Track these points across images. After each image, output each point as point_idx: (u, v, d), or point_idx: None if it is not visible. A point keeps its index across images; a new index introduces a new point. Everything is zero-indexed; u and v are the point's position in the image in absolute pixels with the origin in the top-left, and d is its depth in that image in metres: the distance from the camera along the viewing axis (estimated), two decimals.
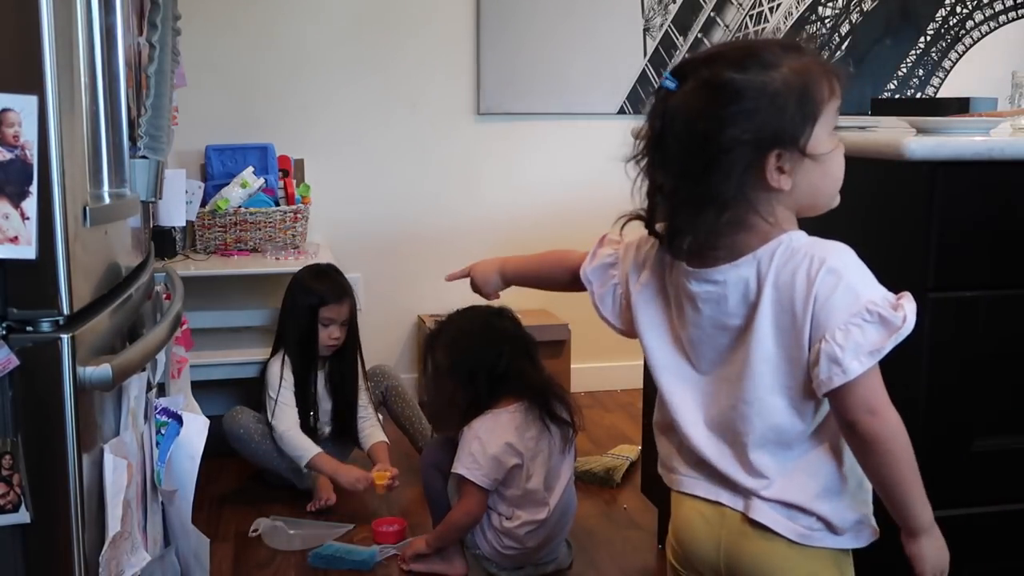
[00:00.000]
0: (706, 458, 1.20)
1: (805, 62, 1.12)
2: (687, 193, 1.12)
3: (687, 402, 1.22)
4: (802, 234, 1.15)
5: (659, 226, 1.21)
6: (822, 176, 1.15)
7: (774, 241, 1.13)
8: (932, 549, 1.17)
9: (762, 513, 1.16)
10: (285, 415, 2.64)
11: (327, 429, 2.79)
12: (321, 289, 2.69)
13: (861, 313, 1.09)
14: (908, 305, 1.11)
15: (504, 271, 1.62)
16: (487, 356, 2.19)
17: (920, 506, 1.15)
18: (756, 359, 1.14)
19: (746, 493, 1.17)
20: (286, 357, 2.72)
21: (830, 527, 1.17)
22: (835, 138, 1.16)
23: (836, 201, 1.19)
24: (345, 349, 2.78)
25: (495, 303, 2.30)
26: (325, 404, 2.78)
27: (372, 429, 2.78)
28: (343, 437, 2.81)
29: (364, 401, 2.81)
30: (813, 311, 1.10)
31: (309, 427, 2.72)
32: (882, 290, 1.12)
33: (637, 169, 1.18)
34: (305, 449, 2.59)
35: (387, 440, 2.77)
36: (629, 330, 1.29)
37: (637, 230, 1.27)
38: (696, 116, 1.09)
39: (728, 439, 1.18)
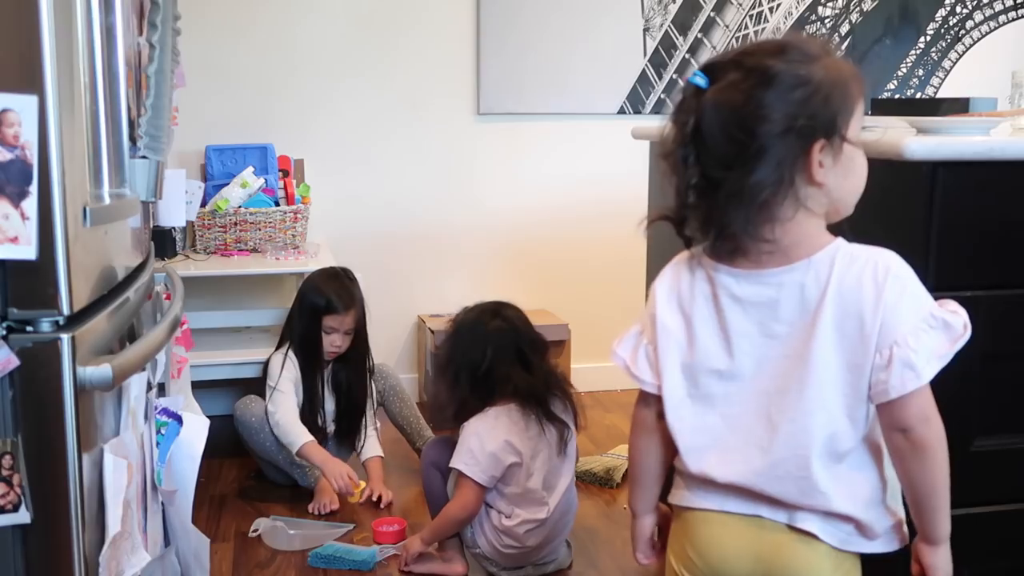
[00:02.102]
0: (747, 485, 1.17)
1: (838, 60, 1.14)
2: (735, 185, 1.10)
3: (713, 430, 1.20)
4: (841, 240, 1.16)
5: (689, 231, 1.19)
6: (851, 175, 1.15)
7: (831, 247, 1.14)
8: (947, 559, 1.19)
9: (808, 522, 1.16)
10: (282, 402, 2.65)
11: (331, 429, 2.80)
12: (328, 296, 2.70)
13: (928, 319, 1.11)
14: (963, 311, 1.13)
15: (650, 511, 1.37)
16: (468, 357, 2.19)
17: (946, 515, 1.17)
18: (819, 367, 1.12)
19: (791, 507, 1.16)
20: (289, 352, 2.73)
21: (866, 532, 1.17)
22: (860, 140, 1.16)
23: (853, 207, 1.19)
24: (351, 354, 2.79)
25: (506, 300, 2.30)
26: (329, 405, 2.79)
27: (371, 441, 2.81)
28: (346, 440, 2.82)
29: (369, 409, 2.83)
30: (883, 317, 1.10)
31: (317, 426, 2.73)
32: (930, 297, 1.14)
33: (666, 170, 1.16)
34: (297, 436, 2.60)
35: (383, 455, 2.79)
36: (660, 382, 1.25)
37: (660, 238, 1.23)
38: (742, 106, 1.09)
39: (779, 458, 1.15)
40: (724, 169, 1.10)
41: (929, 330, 1.10)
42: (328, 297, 2.69)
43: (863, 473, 1.17)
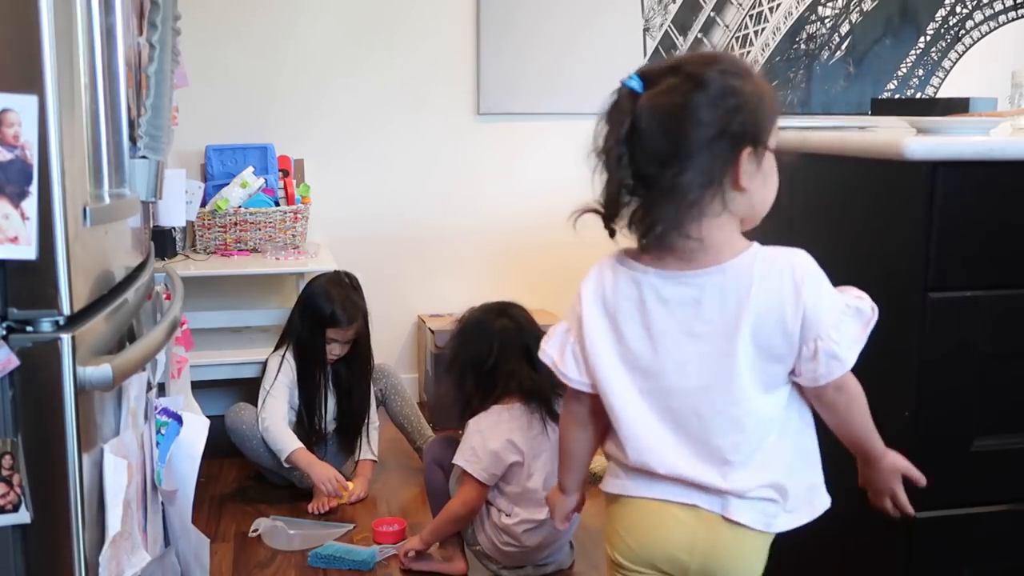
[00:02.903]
0: (679, 474, 1.25)
1: (760, 78, 1.22)
2: (669, 182, 1.16)
3: (651, 425, 1.26)
4: (757, 245, 1.24)
5: (618, 224, 1.26)
6: (769, 184, 1.23)
7: (748, 253, 1.22)
8: (896, 455, 1.32)
9: (739, 513, 1.24)
10: (273, 408, 2.66)
11: (330, 429, 2.80)
12: (333, 308, 2.69)
13: (843, 310, 1.21)
14: (866, 295, 1.25)
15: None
16: (475, 355, 2.19)
17: (878, 436, 1.30)
18: (742, 363, 1.21)
19: (722, 494, 1.24)
20: (288, 355, 2.73)
21: (788, 502, 1.26)
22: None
23: (762, 217, 1.27)
24: (353, 357, 2.78)
25: (506, 298, 2.31)
26: (330, 406, 2.79)
27: (366, 445, 2.81)
28: (345, 440, 2.82)
29: (371, 413, 2.84)
30: (804, 314, 1.19)
31: (314, 428, 2.73)
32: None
33: (597, 167, 1.25)
34: (285, 443, 2.61)
35: (376, 459, 2.80)
36: (593, 380, 1.30)
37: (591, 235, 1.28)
38: (680, 108, 1.16)
39: (706, 448, 1.24)
40: (659, 167, 1.17)
41: (846, 320, 1.21)
42: (332, 309, 2.69)
43: (785, 440, 1.25)
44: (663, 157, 1.16)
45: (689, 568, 1.28)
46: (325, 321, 2.69)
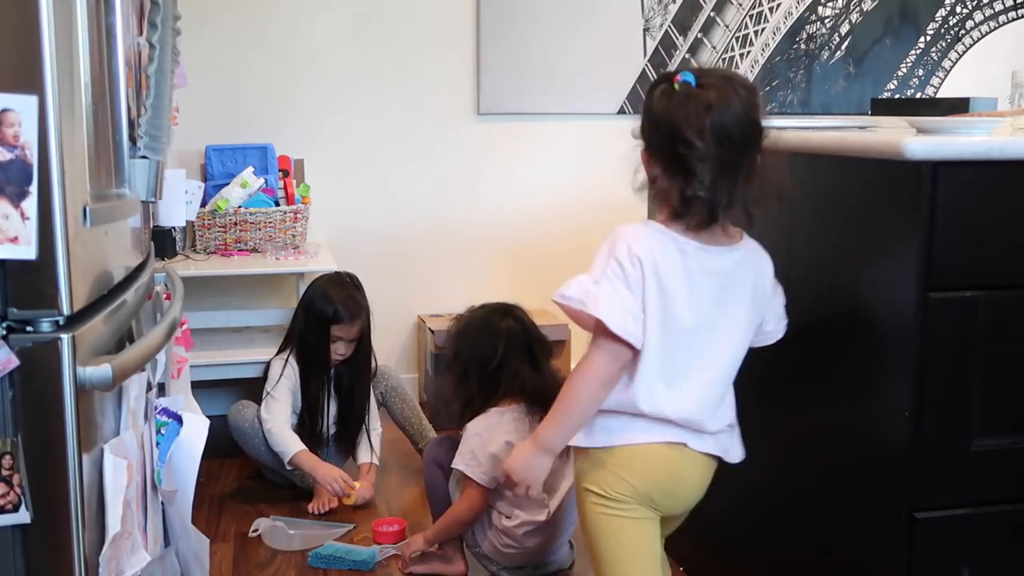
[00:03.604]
0: (684, 419, 1.48)
1: None
2: (750, 168, 1.40)
3: (672, 379, 1.47)
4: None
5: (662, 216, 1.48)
6: None
7: (745, 236, 1.51)
8: None
9: (714, 447, 1.53)
10: (275, 410, 2.66)
11: (331, 432, 2.79)
12: (336, 306, 2.69)
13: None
14: None
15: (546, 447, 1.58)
16: (480, 354, 2.19)
17: None
18: (741, 324, 1.51)
19: (705, 433, 1.51)
20: (291, 359, 2.73)
21: (734, 438, 1.58)
22: None
23: None
24: (355, 359, 2.78)
25: (507, 300, 2.32)
26: (331, 409, 2.79)
27: (366, 445, 2.79)
28: (345, 443, 2.81)
29: (372, 414, 2.83)
30: (775, 288, 1.56)
31: (315, 430, 2.72)
32: None
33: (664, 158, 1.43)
34: (288, 445, 2.60)
35: (377, 463, 2.78)
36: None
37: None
38: (748, 107, 1.39)
39: (708, 395, 1.50)
40: (741, 153, 1.39)
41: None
42: (336, 307, 2.68)
43: (731, 387, 1.55)
44: (743, 145, 1.39)
45: (674, 495, 1.54)
46: (329, 319, 2.68)
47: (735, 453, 1.57)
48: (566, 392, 1.50)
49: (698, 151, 1.35)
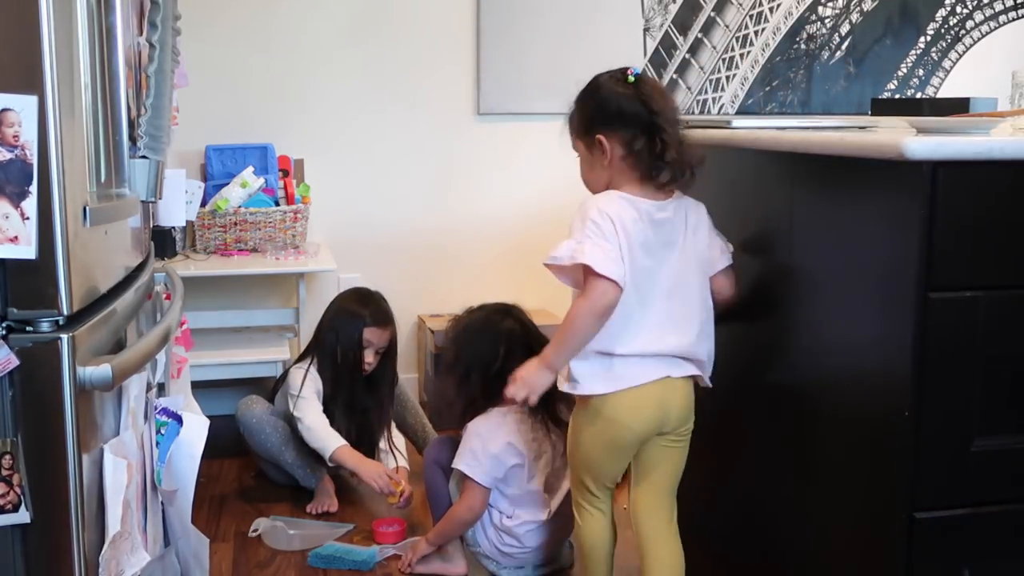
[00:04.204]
0: (669, 351, 1.74)
1: None
2: (678, 138, 1.75)
3: (648, 315, 1.72)
4: None
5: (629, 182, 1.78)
6: None
7: (676, 192, 1.79)
8: None
9: (693, 370, 1.79)
10: (309, 409, 2.61)
11: (353, 438, 2.74)
12: (370, 309, 2.68)
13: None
14: None
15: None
16: (482, 355, 2.19)
17: None
18: (696, 263, 1.78)
19: (688, 361, 1.77)
20: (311, 369, 2.69)
21: (708, 364, 1.82)
22: None
23: None
24: (383, 370, 2.75)
25: (506, 300, 2.32)
26: (342, 424, 2.69)
27: (397, 453, 2.76)
28: (367, 451, 2.75)
29: (386, 437, 2.78)
30: (713, 228, 1.84)
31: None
32: None
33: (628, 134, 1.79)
34: (328, 441, 2.56)
35: (407, 467, 2.74)
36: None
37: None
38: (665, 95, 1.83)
39: (683, 326, 1.75)
40: (674, 126, 1.75)
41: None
42: (370, 310, 2.67)
43: (710, 318, 1.80)
44: (673, 122, 1.75)
45: (667, 423, 1.78)
46: (362, 323, 2.66)
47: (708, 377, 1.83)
48: (565, 324, 1.74)
49: (664, 119, 1.74)
